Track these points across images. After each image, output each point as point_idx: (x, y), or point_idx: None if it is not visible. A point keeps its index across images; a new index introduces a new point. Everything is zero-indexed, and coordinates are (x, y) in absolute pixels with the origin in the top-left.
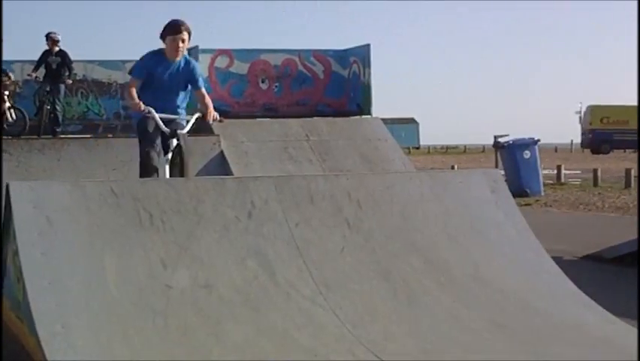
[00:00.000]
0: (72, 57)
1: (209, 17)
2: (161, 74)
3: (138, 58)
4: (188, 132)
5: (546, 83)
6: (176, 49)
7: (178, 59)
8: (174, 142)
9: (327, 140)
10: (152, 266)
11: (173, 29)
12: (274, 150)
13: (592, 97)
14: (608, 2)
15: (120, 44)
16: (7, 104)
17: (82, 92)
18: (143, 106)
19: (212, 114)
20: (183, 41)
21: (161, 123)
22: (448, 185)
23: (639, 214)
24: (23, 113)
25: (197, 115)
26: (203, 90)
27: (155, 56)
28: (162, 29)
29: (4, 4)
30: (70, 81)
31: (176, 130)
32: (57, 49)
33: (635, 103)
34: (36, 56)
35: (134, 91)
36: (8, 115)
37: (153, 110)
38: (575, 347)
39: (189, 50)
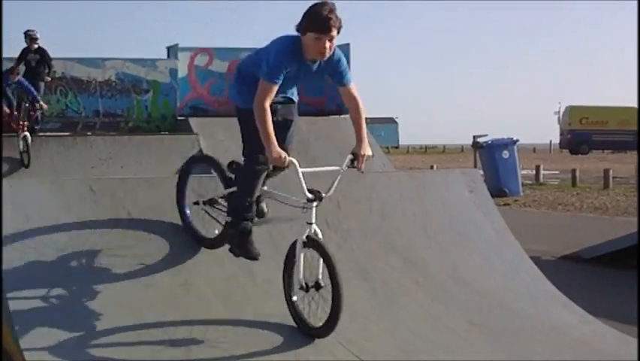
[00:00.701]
0: (51, 55)
1: (189, 15)
2: (292, 75)
3: (118, 57)
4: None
5: (525, 83)
6: (321, 51)
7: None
8: (312, 216)
9: (306, 139)
10: (131, 265)
11: (319, 26)
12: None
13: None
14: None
15: (99, 42)
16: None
17: (61, 90)
18: (286, 158)
19: (365, 150)
20: (331, 40)
21: (304, 187)
22: (426, 185)
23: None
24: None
25: (348, 159)
26: (354, 90)
27: (291, 54)
28: (302, 19)
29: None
30: (50, 79)
31: (319, 194)
32: (36, 46)
33: (613, 104)
34: (15, 54)
35: (268, 117)
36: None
37: (297, 164)
38: (554, 348)
39: (169, 49)
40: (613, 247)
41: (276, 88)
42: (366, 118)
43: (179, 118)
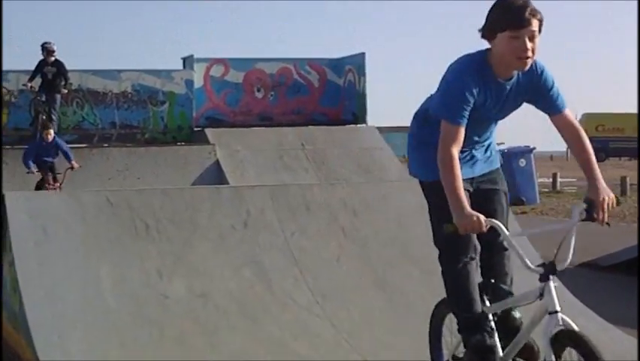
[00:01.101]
0: (67, 67)
1: (205, 26)
2: (484, 105)
3: (134, 68)
4: None
5: None
6: (520, 55)
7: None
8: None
9: (322, 148)
10: (148, 276)
11: (514, 19)
12: (270, 158)
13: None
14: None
15: (115, 54)
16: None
17: (77, 102)
18: (482, 221)
19: (606, 194)
20: (532, 40)
21: (527, 261)
22: None
23: (639, 222)
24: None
25: (581, 208)
26: (570, 115)
27: (477, 74)
28: (487, 17)
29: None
30: (66, 91)
31: (552, 265)
32: (53, 59)
33: (631, 110)
34: (32, 66)
35: (455, 168)
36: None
37: (504, 228)
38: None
39: (184, 60)
40: (631, 254)
41: (462, 129)
42: (382, 127)
43: (195, 129)
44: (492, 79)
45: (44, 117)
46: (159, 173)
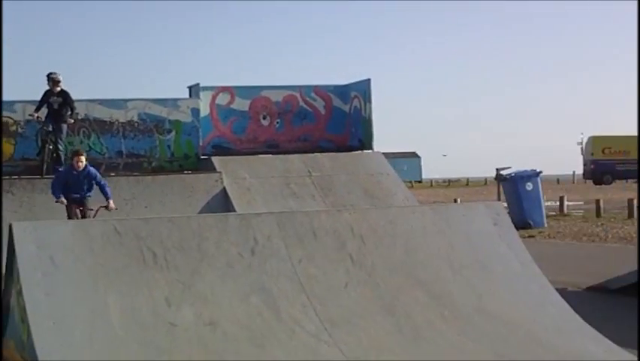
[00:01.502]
0: (73, 96)
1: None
2: None
3: (140, 97)
4: None
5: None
6: None
7: None
8: None
9: (329, 175)
10: (156, 304)
11: None
12: (276, 186)
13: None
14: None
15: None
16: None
17: (84, 131)
18: None
19: None
20: None
21: None
22: (451, 218)
23: (639, 244)
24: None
25: None
26: None
27: None
28: None
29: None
30: (72, 120)
31: None
32: (58, 89)
33: (635, 133)
34: (38, 97)
35: None
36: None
37: None
38: None
39: (190, 88)
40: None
41: None
42: (388, 153)
43: (202, 157)
44: None
45: (51, 147)
46: (166, 201)
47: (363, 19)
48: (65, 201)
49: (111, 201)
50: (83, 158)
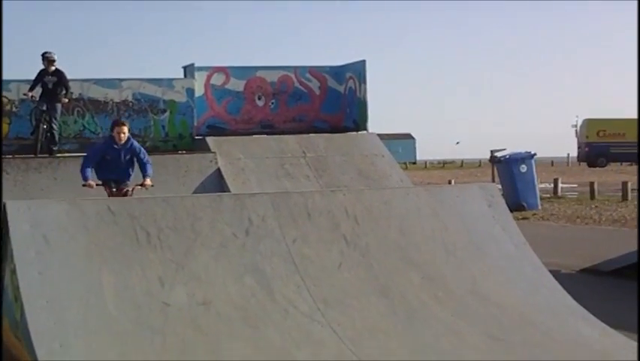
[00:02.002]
0: (68, 76)
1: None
2: None
3: (135, 77)
4: None
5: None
6: None
7: None
8: None
9: (323, 156)
10: (149, 284)
11: None
12: (271, 166)
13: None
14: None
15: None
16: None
17: (78, 111)
18: None
19: None
20: None
21: None
22: (445, 200)
23: (639, 226)
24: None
25: None
26: None
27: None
28: None
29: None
30: (67, 100)
31: None
32: (53, 68)
33: (633, 116)
34: (32, 76)
35: None
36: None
37: None
38: None
39: (185, 68)
40: (632, 259)
41: None
42: (383, 134)
43: (196, 137)
44: None
45: (45, 127)
46: (160, 181)
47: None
48: (94, 184)
49: (148, 179)
50: (126, 129)
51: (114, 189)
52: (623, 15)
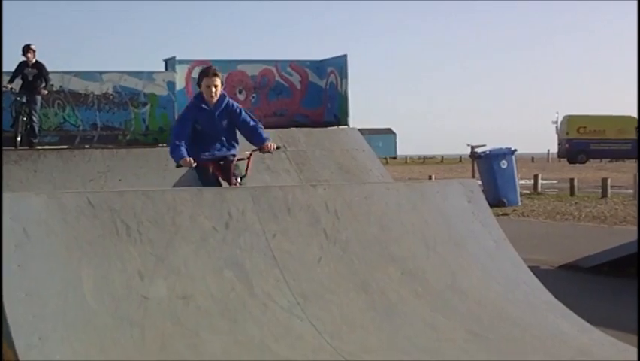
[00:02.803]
0: (49, 68)
1: (186, 28)
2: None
3: (116, 70)
4: None
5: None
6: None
7: None
8: None
9: (304, 150)
10: (129, 277)
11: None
12: (251, 160)
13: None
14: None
15: (97, 55)
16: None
17: (59, 103)
18: None
19: None
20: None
21: None
22: (425, 195)
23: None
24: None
25: None
26: None
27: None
28: None
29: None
30: (46, 92)
31: None
32: (33, 60)
33: (612, 112)
34: (12, 68)
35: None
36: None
37: None
38: (553, 357)
39: (166, 62)
40: (611, 255)
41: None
42: (364, 129)
43: None
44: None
45: (25, 119)
46: (141, 175)
47: None
48: (193, 162)
49: (269, 142)
50: (218, 81)
51: (223, 173)
52: (605, 11)
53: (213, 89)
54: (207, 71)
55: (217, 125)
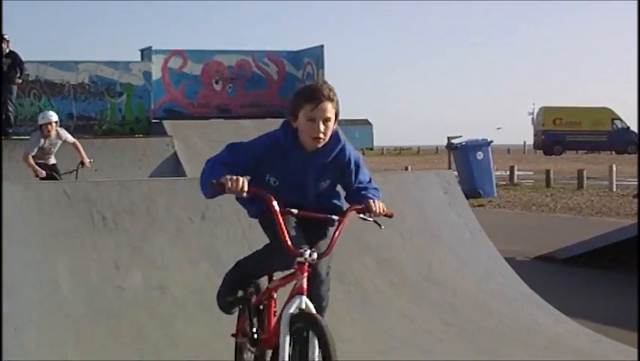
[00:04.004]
0: (24, 58)
1: (163, 17)
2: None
3: (91, 59)
4: None
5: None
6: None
7: None
8: None
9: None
10: (104, 268)
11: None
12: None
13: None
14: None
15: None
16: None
17: (34, 93)
18: None
19: None
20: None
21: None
22: (401, 186)
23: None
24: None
25: None
26: None
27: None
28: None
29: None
30: (21, 81)
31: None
32: (7, 50)
33: (587, 104)
34: None
35: None
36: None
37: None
38: (528, 347)
39: (142, 51)
40: (587, 247)
41: None
42: (340, 120)
43: (153, 121)
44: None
45: (1, 109)
46: (116, 165)
47: None
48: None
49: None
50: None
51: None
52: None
53: (322, 130)
54: (313, 93)
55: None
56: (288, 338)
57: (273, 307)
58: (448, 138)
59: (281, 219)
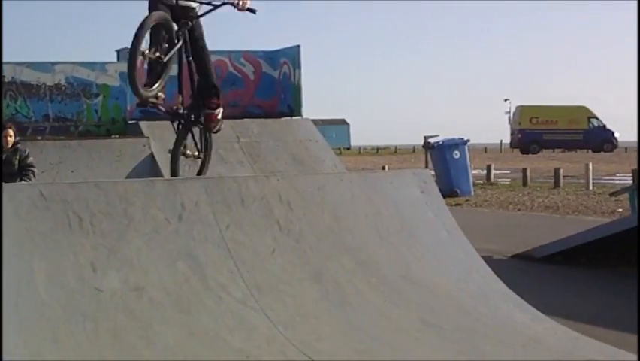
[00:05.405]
0: None
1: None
2: None
3: (68, 61)
4: None
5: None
6: None
7: None
8: None
9: (257, 141)
10: (81, 270)
11: None
12: None
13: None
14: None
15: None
16: None
17: (10, 95)
18: None
19: None
20: None
21: None
22: (378, 185)
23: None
24: None
25: None
26: None
27: None
28: None
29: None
30: None
31: None
32: None
33: (563, 103)
34: None
35: None
36: None
37: None
38: (506, 346)
39: (118, 52)
40: (564, 245)
41: None
42: (317, 119)
43: (129, 122)
44: None
45: None
46: (93, 166)
47: None
48: None
49: None
50: None
51: None
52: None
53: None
54: None
55: None
56: None
57: None
58: (425, 138)
59: None
